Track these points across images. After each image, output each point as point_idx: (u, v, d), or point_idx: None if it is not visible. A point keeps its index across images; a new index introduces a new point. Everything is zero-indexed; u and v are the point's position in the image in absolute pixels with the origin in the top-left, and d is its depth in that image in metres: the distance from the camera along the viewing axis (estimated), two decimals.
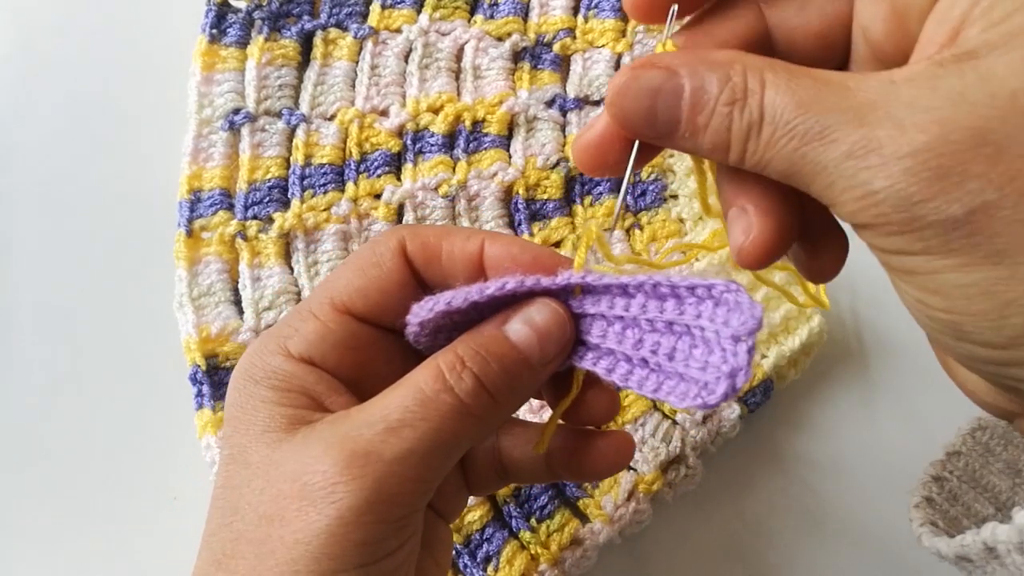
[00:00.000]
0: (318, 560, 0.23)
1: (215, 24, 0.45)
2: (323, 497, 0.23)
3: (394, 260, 0.27)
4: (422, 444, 0.23)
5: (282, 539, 0.23)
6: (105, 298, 0.44)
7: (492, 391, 0.25)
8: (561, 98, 0.47)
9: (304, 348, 0.26)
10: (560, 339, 0.25)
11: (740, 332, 0.23)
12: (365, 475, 0.23)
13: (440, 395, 0.24)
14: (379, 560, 0.24)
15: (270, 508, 0.24)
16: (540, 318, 0.25)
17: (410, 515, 0.24)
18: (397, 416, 0.24)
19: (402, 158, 0.45)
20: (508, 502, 0.40)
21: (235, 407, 0.26)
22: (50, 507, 0.41)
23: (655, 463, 0.41)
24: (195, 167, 0.44)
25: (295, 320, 0.27)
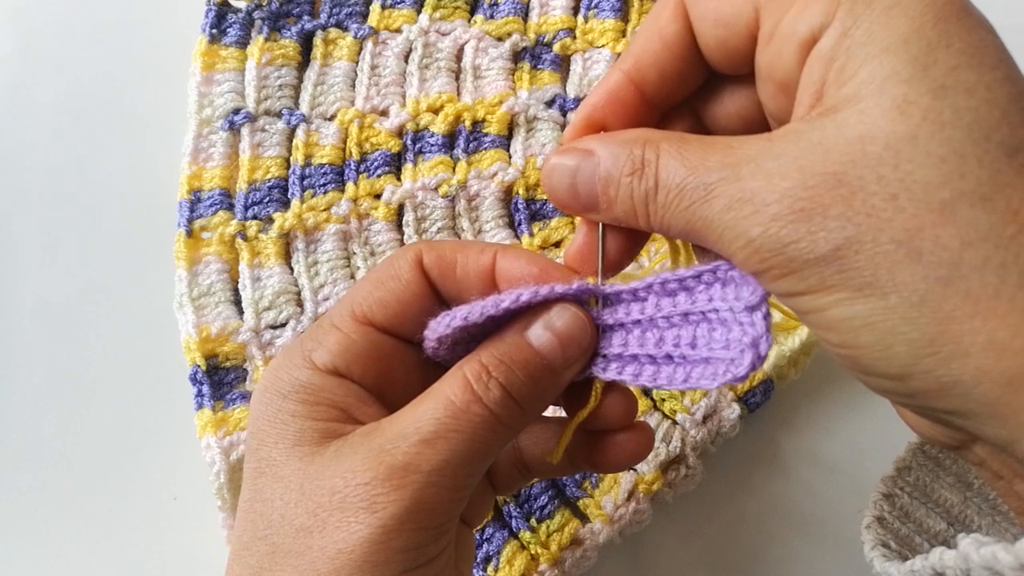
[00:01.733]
0: (361, 568, 0.23)
1: (215, 24, 0.45)
2: (364, 508, 0.23)
3: (412, 272, 0.28)
4: (456, 455, 0.24)
5: (323, 550, 0.24)
6: (105, 298, 0.44)
7: (519, 399, 0.25)
8: (561, 98, 0.47)
9: (329, 359, 0.27)
10: (582, 342, 0.26)
11: (752, 302, 0.23)
12: (405, 486, 0.23)
13: (470, 406, 0.25)
14: (420, 567, 0.24)
15: (308, 520, 0.24)
16: (561, 323, 0.26)
17: (448, 522, 0.25)
18: (430, 428, 0.24)
19: (402, 158, 0.45)
20: (508, 502, 0.40)
21: (263, 421, 0.27)
22: (50, 507, 0.41)
23: (655, 463, 0.41)
24: (195, 167, 0.44)
25: (318, 333, 0.28)
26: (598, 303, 0.27)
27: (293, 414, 0.26)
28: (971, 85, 0.20)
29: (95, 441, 0.42)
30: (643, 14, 0.48)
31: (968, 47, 0.21)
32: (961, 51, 0.21)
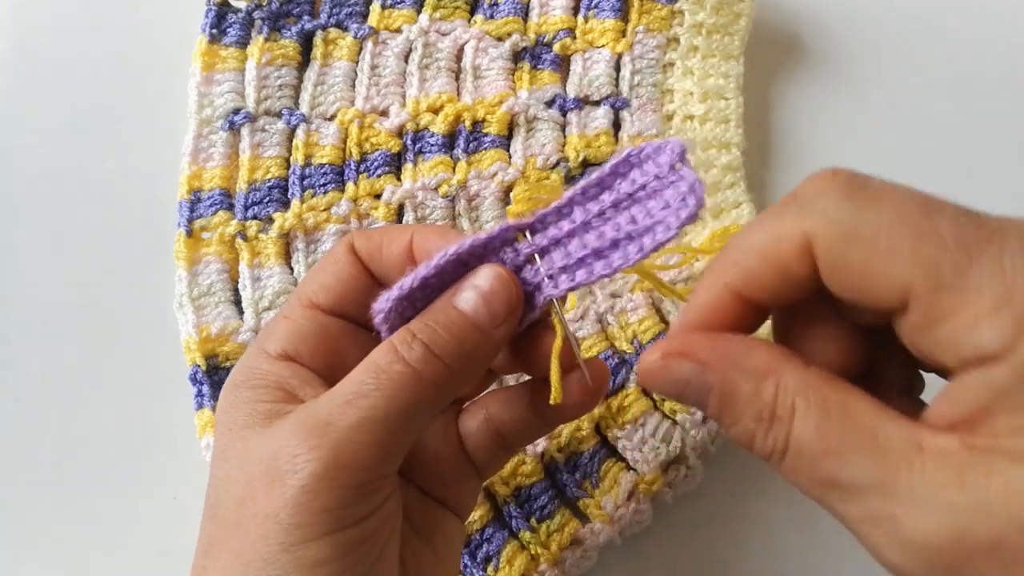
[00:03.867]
0: (287, 531, 0.24)
1: (215, 24, 0.45)
2: (288, 471, 0.24)
3: (347, 256, 0.30)
4: (376, 411, 0.25)
5: (254, 517, 0.24)
6: (105, 298, 0.44)
7: (443, 356, 0.26)
8: (561, 98, 0.47)
9: (278, 345, 0.28)
10: (507, 298, 0.27)
11: (673, 159, 0.25)
12: (322, 444, 0.24)
13: (392, 365, 0.25)
14: (345, 528, 0.24)
15: (243, 492, 0.25)
16: (483, 281, 0.27)
17: (373, 482, 0.25)
18: (353, 389, 0.25)
19: (402, 158, 0.45)
20: (508, 502, 0.40)
21: (220, 412, 0.28)
22: (50, 507, 0.41)
23: (655, 463, 0.41)
24: (195, 167, 0.44)
25: (271, 325, 0.30)
26: (526, 235, 0.28)
27: (244, 400, 0.27)
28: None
29: (95, 441, 0.42)
30: (643, 14, 0.48)
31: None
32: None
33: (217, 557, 0.25)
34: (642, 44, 0.48)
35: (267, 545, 0.24)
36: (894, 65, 0.51)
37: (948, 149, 0.49)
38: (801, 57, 0.51)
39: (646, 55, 0.48)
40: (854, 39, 0.51)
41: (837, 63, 0.51)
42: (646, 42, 0.48)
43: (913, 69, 0.51)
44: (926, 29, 0.51)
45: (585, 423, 0.41)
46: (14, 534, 0.41)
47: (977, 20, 0.52)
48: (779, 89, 0.50)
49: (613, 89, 0.47)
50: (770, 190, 0.48)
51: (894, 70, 0.51)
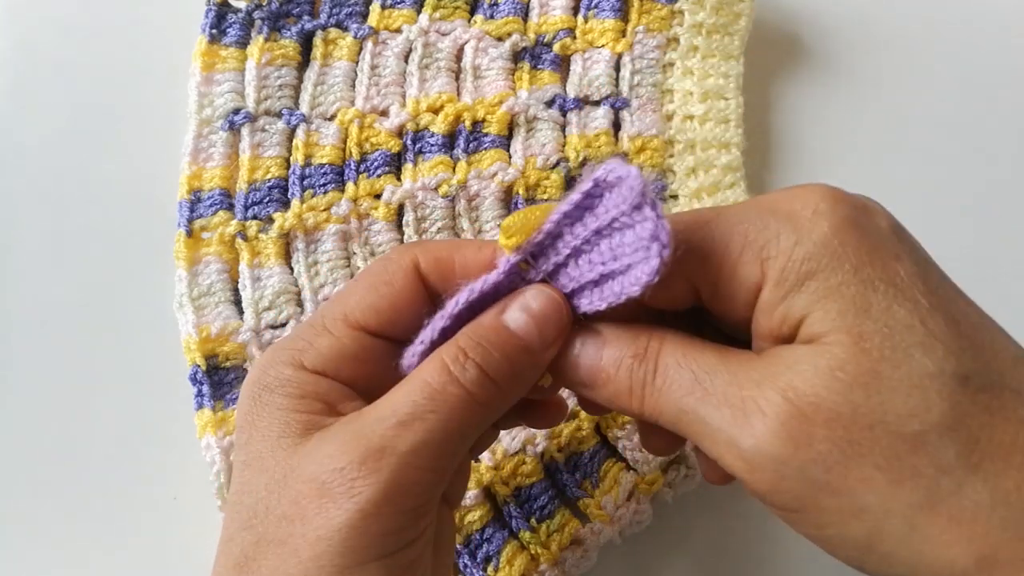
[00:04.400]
0: (342, 554, 0.23)
1: (215, 24, 0.45)
2: (342, 493, 0.24)
3: (406, 278, 0.28)
4: (433, 435, 0.24)
5: (304, 537, 0.24)
6: (105, 298, 0.44)
7: (496, 378, 0.25)
8: (561, 98, 0.47)
9: (319, 362, 0.27)
10: (558, 322, 0.26)
11: (634, 201, 0.24)
12: (381, 469, 0.24)
13: (447, 387, 0.25)
14: (400, 550, 0.24)
15: (290, 509, 0.24)
16: (536, 304, 0.26)
17: (426, 504, 0.25)
18: (407, 410, 0.24)
19: (402, 158, 0.45)
20: (508, 502, 0.40)
21: (249, 415, 0.27)
22: (49, 507, 0.41)
23: (655, 463, 0.41)
24: (195, 167, 0.44)
25: (308, 334, 0.28)
26: (529, 264, 0.27)
27: (279, 407, 0.26)
28: (908, 323, 0.23)
29: (94, 441, 0.42)
30: (643, 14, 0.48)
31: (890, 287, 0.23)
32: (885, 292, 0.23)
33: (257, 573, 0.24)
34: (642, 44, 0.48)
35: (319, 566, 0.23)
36: (894, 65, 0.51)
37: (948, 149, 0.49)
38: (801, 57, 0.51)
39: (646, 55, 0.48)
40: (854, 39, 0.51)
41: (837, 63, 0.51)
42: (646, 42, 0.48)
43: (913, 69, 0.51)
44: (926, 29, 0.51)
45: (585, 423, 0.41)
46: (14, 534, 0.41)
47: (977, 20, 0.52)
48: (779, 89, 0.50)
49: (613, 89, 0.47)
50: (770, 190, 0.48)
51: (894, 70, 0.51)
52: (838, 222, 0.24)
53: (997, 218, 0.48)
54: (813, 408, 0.23)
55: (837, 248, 0.24)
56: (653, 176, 0.46)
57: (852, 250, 0.24)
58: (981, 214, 0.48)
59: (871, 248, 0.24)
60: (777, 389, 0.23)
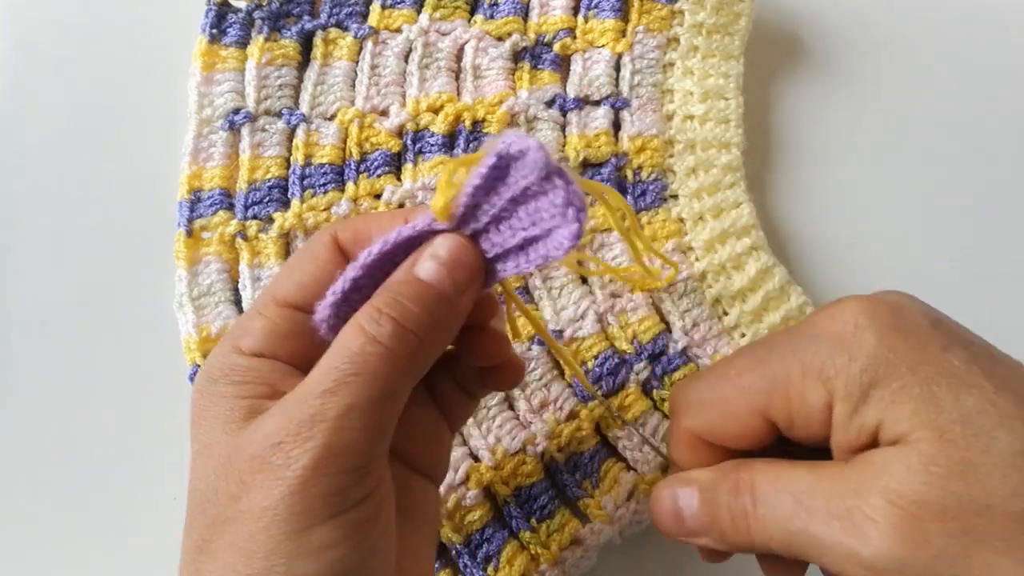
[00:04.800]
0: (288, 520, 0.24)
1: (215, 24, 0.45)
2: (280, 464, 0.24)
3: (327, 252, 0.29)
4: (360, 397, 0.25)
5: (251, 511, 0.24)
6: (105, 298, 0.44)
7: (415, 330, 0.26)
8: (561, 98, 0.47)
9: (255, 344, 0.28)
10: (468, 265, 0.27)
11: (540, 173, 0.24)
12: (314, 435, 0.24)
13: (365, 347, 0.25)
14: (347, 510, 0.25)
15: (236, 488, 0.25)
16: (444, 251, 0.27)
17: (368, 463, 0.25)
18: (332, 377, 0.25)
19: (402, 158, 0.45)
20: (508, 502, 0.40)
21: (198, 407, 0.28)
22: (49, 507, 0.41)
23: (655, 463, 0.41)
24: (195, 167, 0.44)
25: (244, 321, 0.29)
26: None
27: (223, 395, 0.27)
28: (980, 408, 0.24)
29: (94, 441, 0.42)
30: (643, 14, 0.48)
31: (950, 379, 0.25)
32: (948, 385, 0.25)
33: (215, 554, 0.25)
34: (642, 44, 0.48)
35: (269, 535, 0.24)
36: (894, 65, 0.51)
37: (948, 149, 0.49)
38: (801, 57, 0.51)
39: (646, 55, 0.48)
40: (854, 39, 0.51)
41: (837, 63, 0.51)
42: (646, 42, 0.48)
43: (913, 69, 0.51)
44: (926, 29, 0.51)
45: (585, 423, 0.41)
46: (14, 534, 0.41)
47: (977, 20, 0.52)
48: (779, 89, 0.50)
49: (613, 89, 0.47)
50: (770, 190, 0.48)
51: (894, 70, 0.51)
52: (880, 332, 0.26)
53: (997, 218, 0.48)
54: (919, 506, 0.24)
55: (888, 356, 0.25)
56: (653, 176, 0.46)
57: (902, 354, 0.25)
58: (981, 214, 0.48)
59: (919, 347, 0.26)
60: (878, 494, 0.24)
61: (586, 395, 0.42)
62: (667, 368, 0.43)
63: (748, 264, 0.44)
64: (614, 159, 0.46)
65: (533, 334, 0.42)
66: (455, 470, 0.40)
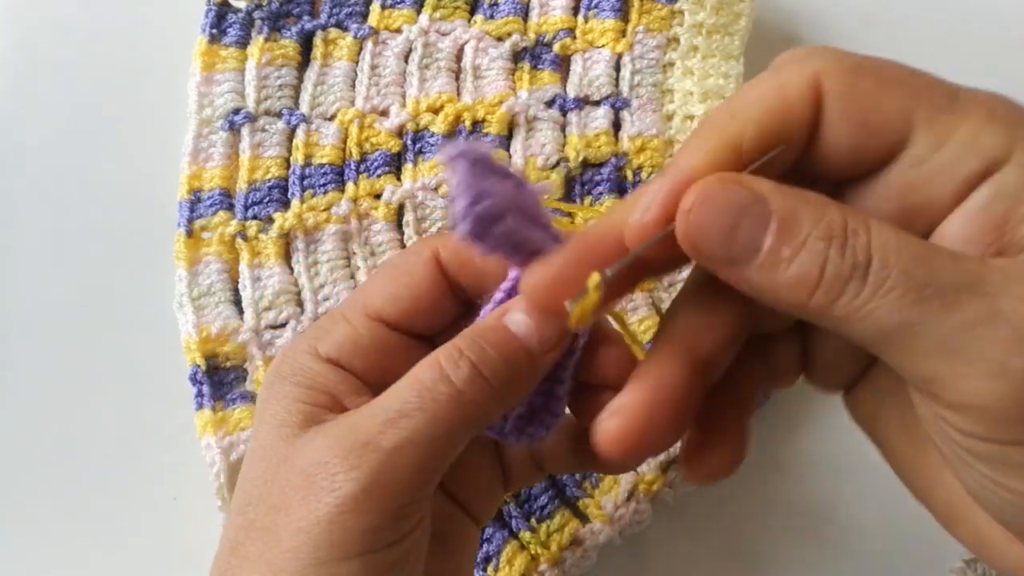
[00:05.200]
0: (319, 547, 0.23)
1: (215, 24, 0.45)
2: (324, 487, 0.24)
3: (426, 268, 0.28)
4: (419, 433, 0.24)
5: (287, 527, 0.24)
6: (105, 298, 0.44)
7: (489, 377, 0.25)
8: (561, 98, 0.47)
9: (333, 350, 0.27)
10: (558, 325, 0.25)
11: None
12: (362, 464, 0.23)
13: (437, 385, 0.24)
14: (380, 549, 0.24)
15: (278, 499, 0.25)
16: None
17: (411, 504, 0.25)
18: (396, 408, 0.24)
19: (402, 158, 0.45)
20: (508, 502, 0.40)
21: (261, 402, 0.27)
22: (49, 507, 0.41)
23: (655, 463, 0.41)
24: (195, 167, 0.44)
25: (327, 323, 0.28)
26: None
27: (286, 396, 0.26)
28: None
29: (95, 441, 0.42)
30: (643, 14, 0.48)
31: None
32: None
33: (246, 559, 0.25)
34: (642, 44, 0.48)
35: (298, 559, 0.24)
36: None
37: None
38: None
39: (646, 55, 0.48)
40: (854, 39, 0.51)
41: None
42: (646, 42, 0.48)
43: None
44: (926, 29, 0.51)
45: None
46: (14, 534, 0.41)
47: (978, 20, 0.52)
48: None
49: (613, 89, 0.47)
50: None
51: None
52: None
53: None
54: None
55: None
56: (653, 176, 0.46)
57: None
58: None
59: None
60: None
61: None
62: None
63: None
64: (614, 159, 0.46)
65: None
66: None
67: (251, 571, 0.24)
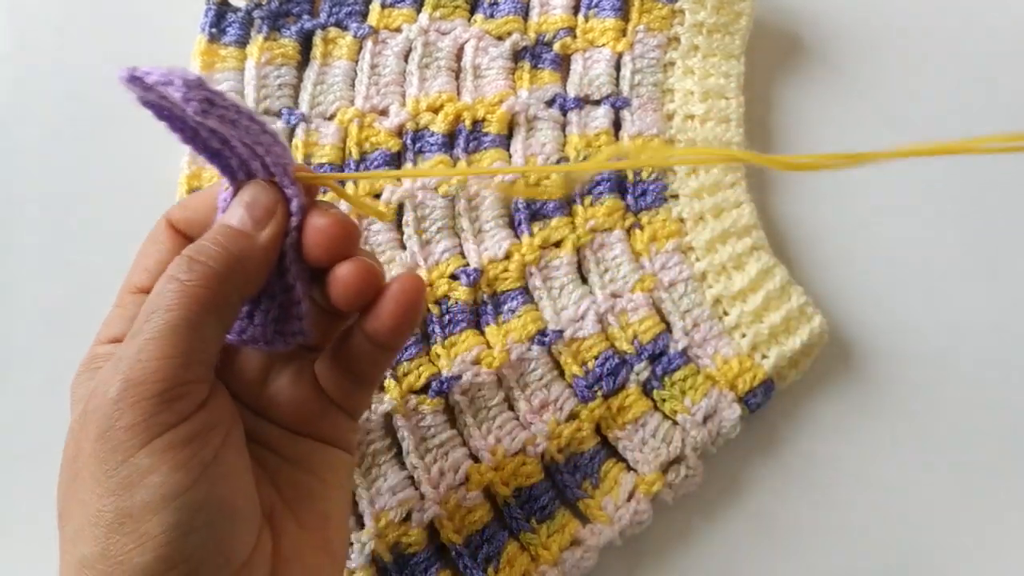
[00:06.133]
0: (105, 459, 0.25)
1: (214, 23, 0.45)
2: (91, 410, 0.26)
3: (166, 236, 0.31)
4: (155, 331, 0.26)
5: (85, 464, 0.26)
6: (105, 298, 0.44)
7: (206, 261, 0.27)
8: (561, 97, 0.47)
9: (110, 333, 0.31)
10: (266, 202, 0.29)
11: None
12: (115, 376, 0.26)
13: (163, 286, 0.27)
14: (159, 435, 0.25)
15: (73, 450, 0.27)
16: (247, 195, 0.29)
17: (174, 388, 0.26)
18: (135, 325, 0.27)
19: (402, 158, 0.45)
20: (508, 503, 0.40)
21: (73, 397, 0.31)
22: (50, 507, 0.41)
23: (655, 464, 0.41)
24: (194, 167, 0.44)
25: (105, 320, 0.32)
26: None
27: (87, 379, 0.30)
28: None
29: None
30: (643, 13, 0.48)
31: None
32: None
33: (71, 516, 0.26)
34: (643, 43, 0.48)
35: (96, 480, 0.25)
36: (895, 65, 0.51)
37: None
38: (802, 57, 0.51)
39: (647, 54, 0.48)
40: (855, 39, 0.51)
41: (837, 63, 0.51)
42: (647, 41, 0.48)
43: (914, 69, 0.50)
44: (927, 29, 0.51)
45: (586, 423, 0.41)
46: (14, 534, 0.41)
47: (978, 20, 0.51)
48: (780, 88, 0.50)
49: (613, 88, 0.47)
50: (770, 189, 0.48)
51: (895, 70, 0.50)
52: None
53: (998, 218, 0.48)
54: None
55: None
56: (654, 176, 0.46)
57: None
58: (982, 214, 0.48)
59: None
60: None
61: (587, 395, 0.42)
62: (667, 368, 0.42)
63: (749, 264, 0.44)
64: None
65: (533, 333, 0.42)
66: (455, 471, 0.39)
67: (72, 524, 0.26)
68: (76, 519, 0.26)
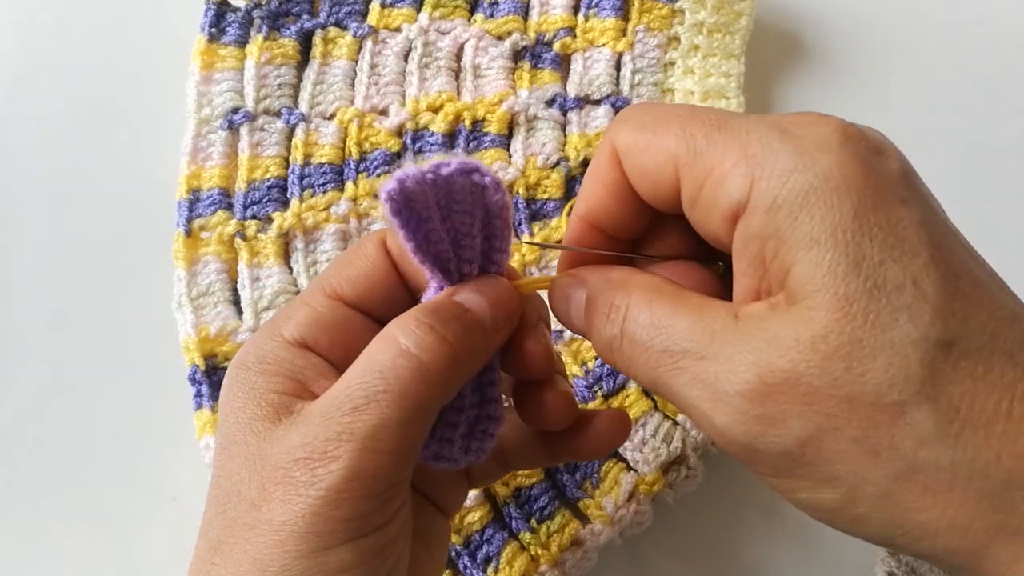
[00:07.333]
0: (305, 539, 0.24)
1: (214, 23, 0.45)
2: (304, 482, 0.24)
3: (377, 251, 0.29)
4: (389, 417, 0.24)
5: (270, 523, 0.24)
6: (104, 298, 0.44)
7: (452, 342, 0.25)
8: (561, 97, 0.47)
9: (296, 331, 0.28)
10: (508, 305, 0.27)
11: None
12: (340, 456, 0.24)
13: (396, 360, 0.25)
14: (366, 535, 0.24)
15: (257, 496, 0.25)
16: (489, 288, 0.27)
17: (391, 488, 0.25)
18: (361, 394, 0.25)
19: (402, 157, 0.45)
20: (508, 503, 0.40)
21: (227, 395, 0.27)
22: (49, 507, 0.41)
23: (656, 464, 0.41)
24: (194, 167, 0.44)
25: (288, 309, 0.29)
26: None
27: (253, 386, 0.27)
28: (899, 282, 0.22)
29: (94, 441, 0.42)
30: (643, 13, 0.48)
31: (889, 236, 0.22)
32: (883, 242, 0.22)
33: (228, 557, 0.25)
34: (643, 43, 0.48)
35: (284, 550, 0.24)
36: (894, 65, 0.51)
37: (949, 148, 0.49)
38: (801, 57, 0.51)
39: (647, 54, 0.48)
40: (855, 39, 0.51)
41: (837, 63, 0.50)
42: (647, 41, 0.48)
43: (913, 68, 0.50)
44: (927, 28, 0.51)
45: None
46: (14, 534, 0.41)
47: (978, 19, 0.51)
48: (780, 88, 0.50)
49: (614, 88, 0.47)
50: None
51: (894, 70, 0.50)
52: (846, 157, 0.23)
53: (999, 217, 0.48)
54: (790, 385, 0.22)
55: (840, 184, 0.22)
56: None
57: (856, 190, 0.22)
58: (982, 213, 0.48)
59: (876, 189, 0.22)
60: (751, 366, 0.22)
61: (587, 396, 0.41)
62: None
63: None
64: None
65: None
66: None
67: (235, 569, 0.24)
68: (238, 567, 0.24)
